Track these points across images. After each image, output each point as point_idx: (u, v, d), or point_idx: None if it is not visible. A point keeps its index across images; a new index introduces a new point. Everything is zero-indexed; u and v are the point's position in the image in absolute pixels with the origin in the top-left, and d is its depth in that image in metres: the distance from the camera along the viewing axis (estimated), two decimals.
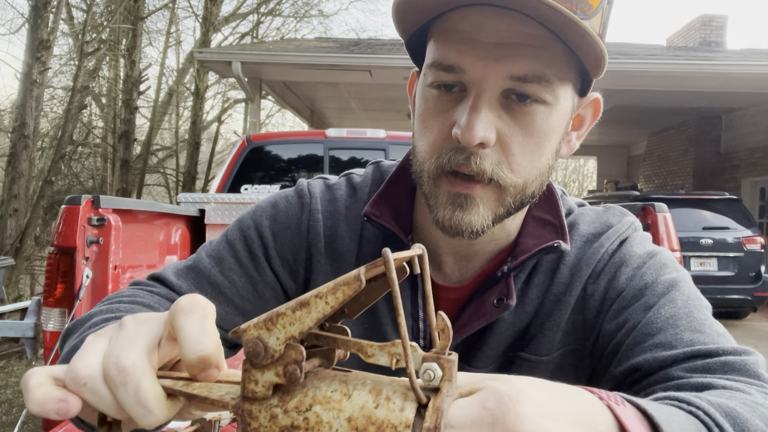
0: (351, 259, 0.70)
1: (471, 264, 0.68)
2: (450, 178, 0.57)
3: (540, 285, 0.66)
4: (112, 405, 0.33)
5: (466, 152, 0.55)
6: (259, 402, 0.30)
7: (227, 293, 0.69)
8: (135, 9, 11.08)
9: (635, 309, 0.59)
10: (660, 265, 0.63)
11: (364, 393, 0.30)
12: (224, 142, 18.03)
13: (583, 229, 0.68)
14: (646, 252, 0.64)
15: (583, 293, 0.64)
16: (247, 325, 0.30)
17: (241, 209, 3.23)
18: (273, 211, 0.72)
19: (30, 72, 7.40)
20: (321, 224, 0.71)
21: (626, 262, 0.63)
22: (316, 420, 0.29)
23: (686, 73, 7.52)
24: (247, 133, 5.74)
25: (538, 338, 0.65)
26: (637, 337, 0.56)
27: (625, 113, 10.80)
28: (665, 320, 0.56)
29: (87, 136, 12.05)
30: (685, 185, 11.09)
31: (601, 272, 0.64)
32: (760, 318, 7.59)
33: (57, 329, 1.84)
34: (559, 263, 0.66)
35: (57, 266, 1.85)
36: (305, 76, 8.28)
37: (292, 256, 0.71)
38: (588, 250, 0.65)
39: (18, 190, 7.40)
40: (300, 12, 15.67)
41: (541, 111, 0.55)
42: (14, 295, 7.37)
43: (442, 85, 0.57)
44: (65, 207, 1.87)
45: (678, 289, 0.60)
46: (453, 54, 0.54)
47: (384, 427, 0.28)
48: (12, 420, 3.80)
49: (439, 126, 0.57)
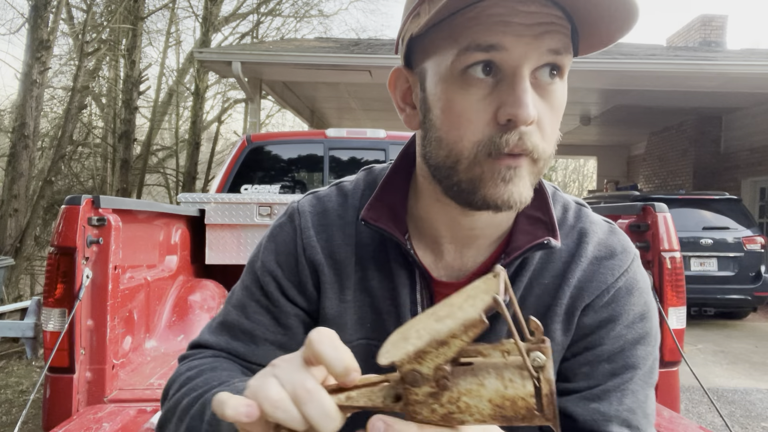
0: (350, 264, 0.73)
1: (470, 252, 0.70)
2: (497, 158, 0.58)
3: (528, 276, 0.69)
4: (299, 420, 0.42)
5: (517, 132, 0.56)
6: (420, 404, 0.41)
7: (259, 335, 0.74)
8: (135, 9, 11.07)
9: (602, 368, 0.66)
10: (644, 333, 0.68)
11: (493, 380, 0.40)
12: (224, 142, 18.04)
13: (592, 231, 0.71)
14: (639, 313, 0.68)
15: (571, 312, 0.68)
16: (401, 357, 0.40)
17: (241, 209, 3.23)
18: (273, 245, 0.76)
19: (30, 72, 7.40)
20: (314, 239, 0.74)
21: (620, 317, 0.67)
22: (466, 406, 0.40)
23: (686, 73, 7.52)
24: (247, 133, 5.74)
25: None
26: (590, 393, 0.65)
27: (625, 113, 10.80)
28: (616, 393, 0.65)
29: (87, 136, 12.05)
30: (685, 185, 11.09)
31: (593, 308, 0.68)
32: (760, 318, 7.59)
33: (57, 329, 1.84)
34: (551, 253, 0.70)
35: (57, 266, 1.85)
36: (305, 76, 8.28)
37: (300, 279, 0.74)
38: (591, 270, 0.68)
39: (18, 190, 7.40)
40: (300, 12, 15.69)
41: (560, 86, 0.60)
42: (14, 295, 7.37)
43: (473, 71, 0.57)
44: (65, 207, 1.87)
45: (644, 366, 0.67)
46: (492, 34, 0.56)
47: (516, 400, 0.39)
48: (12, 420, 3.80)
49: (480, 112, 0.58)
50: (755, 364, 5.43)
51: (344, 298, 0.73)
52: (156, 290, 2.61)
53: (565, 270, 0.68)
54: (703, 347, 6.00)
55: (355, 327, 0.73)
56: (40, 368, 4.73)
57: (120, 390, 1.98)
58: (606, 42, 0.63)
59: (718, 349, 5.96)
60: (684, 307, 2.04)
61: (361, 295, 0.72)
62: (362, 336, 0.72)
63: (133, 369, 2.23)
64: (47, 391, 1.87)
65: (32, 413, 3.56)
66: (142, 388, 2.02)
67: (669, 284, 2.00)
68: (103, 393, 1.92)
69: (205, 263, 3.27)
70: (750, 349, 5.97)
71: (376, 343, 0.70)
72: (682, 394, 4.37)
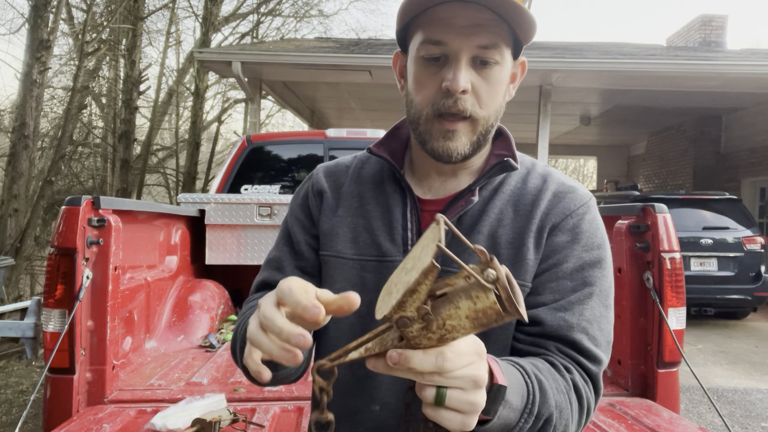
0: (349, 193, 0.92)
1: (451, 181, 0.89)
2: (440, 119, 0.81)
3: (504, 201, 0.86)
4: (268, 344, 0.55)
5: (453, 98, 0.78)
6: (417, 337, 0.52)
7: (284, 263, 0.94)
8: (135, 9, 11.06)
9: (565, 284, 0.80)
10: (600, 259, 0.83)
11: (464, 301, 0.51)
12: (224, 142, 18.04)
13: (556, 176, 0.89)
14: (597, 243, 0.84)
15: (541, 230, 0.83)
16: (389, 311, 0.51)
17: (241, 209, 3.23)
18: (295, 196, 1.00)
19: (30, 72, 7.40)
20: (323, 180, 0.96)
21: (579, 240, 0.83)
22: (452, 327, 0.51)
23: (686, 73, 7.52)
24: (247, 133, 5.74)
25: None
26: (557, 305, 0.79)
27: (625, 113, 10.80)
28: (578, 306, 0.79)
29: (87, 136, 12.04)
30: (685, 185, 11.09)
31: (560, 229, 0.83)
32: (760, 318, 7.59)
33: (57, 330, 1.84)
34: (524, 189, 0.87)
35: (57, 267, 1.85)
36: (305, 76, 8.28)
37: (311, 211, 0.95)
38: (557, 199, 0.85)
39: (18, 190, 7.40)
40: (300, 12, 15.68)
41: (496, 69, 0.80)
42: (14, 295, 7.37)
43: (431, 57, 0.80)
44: (65, 208, 1.87)
45: (600, 286, 0.82)
46: (439, 32, 0.78)
47: (485, 310, 0.50)
48: (12, 420, 3.80)
49: (431, 83, 0.80)
50: (755, 364, 5.43)
51: (337, 213, 0.91)
52: (156, 291, 2.61)
53: (535, 200, 0.85)
54: (703, 347, 6.00)
55: (349, 244, 0.88)
56: (40, 368, 4.73)
57: (120, 390, 1.98)
58: (524, 39, 0.82)
59: (718, 349, 5.96)
60: (684, 308, 2.04)
61: (357, 219, 0.89)
62: (356, 253, 0.87)
63: (133, 369, 2.23)
64: (47, 391, 1.87)
65: (32, 413, 3.56)
66: (142, 388, 2.02)
67: (669, 285, 2.00)
68: (104, 393, 1.92)
69: (205, 263, 3.27)
70: (750, 349, 5.97)
71: (367, 259, 0.86)
72: (682, 394, 4.37)
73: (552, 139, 10.83)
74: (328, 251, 0.89)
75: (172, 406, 1.79)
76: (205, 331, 2.81)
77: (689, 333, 6.33)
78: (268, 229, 3.26)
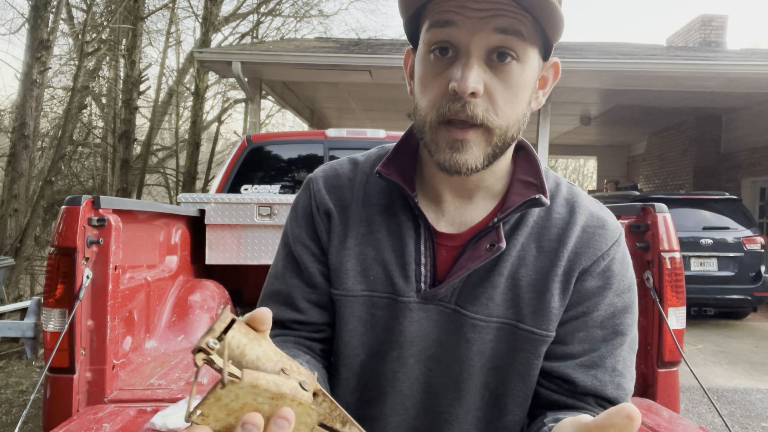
0: (356, 218, 0.81)
1: (468, 209, 0.78)
2: (448, 127, 0.68)
3: (525, 235, 0.76)
4: None
5: (461, 101, 0.66)
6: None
7: (296, 296, 0.82)
8: (135, 9, 11.06)
9: (595, 333, 0.74)
10: (630, 303, 0.76)
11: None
12: (224, 142, 18.04)
13: (584, 204, 0.79)
14: (627, 284, 0.76)
15: (569, 274, 0.74)
16: None
17: (241, 209, 3.23)
18: (294, 214, 0.86)
19: (30, 72, 7.40)
20: (326, 197, 0.83)
21: (611, 284, 0.75)
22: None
23: (686, 73, 7.52)
24: (247, 133, 5.74)
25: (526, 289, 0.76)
26: (588, 360, 0.73)
27: (625, 113, 10.80)
28: (610, 359, 0.73)
29: (87, 136, 12.03)
30: (685, 185, 11.08)
31: (591, 273, 0.75)
32: (760, 318, 7.59)
33: (57, 329, 1.84)
34: (548, 220, 0.77)
35: (57, 267, 1.85)
36: (305, 76, 8.28)
37: (317, 234, 0.83)
38: (586, 237, 0.76)
39: (18, 190, 7.40)
40: (300, 12, 15.67)
41: (516, 68, 0.67)
42: (14, 295, 7.37)
43: (437, 49, 0.68)
44: (65, 207, 1.87)
45: (630, 333, 0.76)
46: (447, 14, 0.66)
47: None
48: (12, 420, 3.80)
49: (437, 84, 0.69)
50: (755, 364, 5.43)
51: (345, 245, 0.79)
52: (156, 290, 2.61)
53: (561, 236, 0.75)
54: (703, 347, 6.00)
55: (357, 279, 0.77)
56: (40, 368, 4.73)
57: (120, 390, 1.98)
58: (552, 35, 0.70)
59: (718, 349, 5.95)
60: (684, 308, 2.04)
61: (366, 249, 0.78)
62: (365, 288, 0.77)
63: (134, 369, 2.23)
64: (47, 391, 1.87)
65: (32, 413, 3.56)
66: (143, 388, 2.02)
67: (669, 284, 2.00)
68: (104, 393, 1.92)
69: (206, 263, 3.27)
70: (750, 349, 5.97)
71: (378, 295, 0.76)
72: (682, 394, 4.37)
73: (552, 139, 10.84)
74: (337, 289, 0.79)
75: (172, 405, 1.79)
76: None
77: (689, 333, 6.33)
78: (268, 229, 3.26)
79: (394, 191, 0.79)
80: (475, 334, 0.73)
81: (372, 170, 0.83)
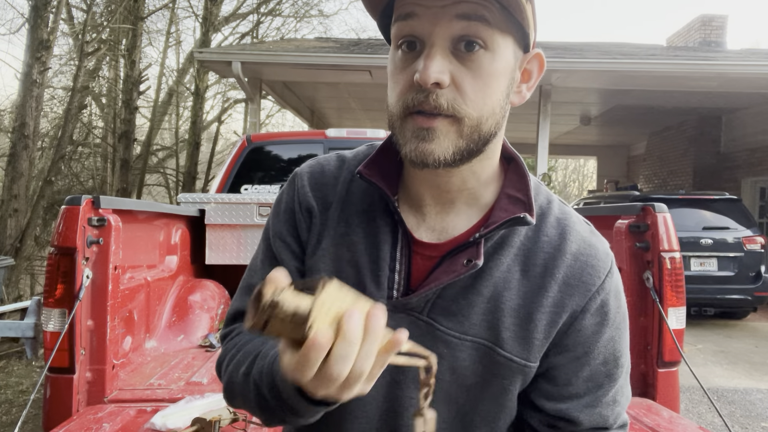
0: (334, 218, 0.79)
1: (449, 218, 0.75)
2: (414, 117, 0.66)
3: (511, 256, 0.73)
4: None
5: (425, 92, 0.64)
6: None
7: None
8: (135, 9, 11.06)
9: (600, 371, 0.73)
10: (624, 330, 0.76)
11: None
12: (224, 142, 18.04)
13: (575, 228, 0.75)
14: (623, 315, 0.75)
15: (560, 306, 0.71)
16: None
17: (241, 209, 3.23)
18: (277, 208, 0.84)
19: (30, 72, 7.40)
20: (310, 194, 0.81)
21: (608, 320, 0.73)
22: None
23: (686, 73, 7.52)
24: (247, 133, 5.74)
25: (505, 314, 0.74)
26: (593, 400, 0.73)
27: (625, 113, 10.80)
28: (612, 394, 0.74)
29: (87, 136, 12.04)
30: (685, 185, 11.08)
31: (588, 311, 0.72)
32: (760, 318, 7.59)
33: (57, 329, 1.84)
34: (535, 242, 0.73)
35: (57, 266, 1.85)
36: (305, 76, 8.28)
37: (298, 232, 0.81)
38: (578, 268, 0.72)
39: (18, 190, 7.40)
40: (300, 12, 15.67)
41: (485, 56, 0.65)
42: (14, 295, 7.37)
43: (404, 43, 0.67)
44: (65, 207, 1.87)
45: (627, 362, 0.76)
46: (410, 7, 0.65)
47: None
48: (12, 420, 3.81)
49: (403, 78, 0.68)
50: (755, 364, 5.43)
51: (321, 245, 0.78)
52: (156, 290, 2.61)
53: (549, 262, 0.72)
54: (703, 347, 6.00)
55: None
56: (40, 368, 4.73)
57: (120, 390, 1.98)
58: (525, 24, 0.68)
59: (718, 349, 5.96)
60: (684, 307, 2.04)
61: (340, 250, 0.76)
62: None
63: (133, 369, 2.23)
64: (47, 391, 1.87)
65: (32, 413, 3.56)
66: (142, 388, 2.02)
67: (669, 284, 2.00)
68: (103, 393, 1.92)
69: (205, 263, 3.27)
70: (750, 349, 5.97)
71: None
72: (682, 394, 4.37)
73: (552, 139, 10.83)
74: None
75: (172, 405, 1.80)
76: (205, 331, 2.81)
77: (689, 333, 6.33)
78: None
79: (376, 193, 0.77)
80: (448, 349, 0.71)
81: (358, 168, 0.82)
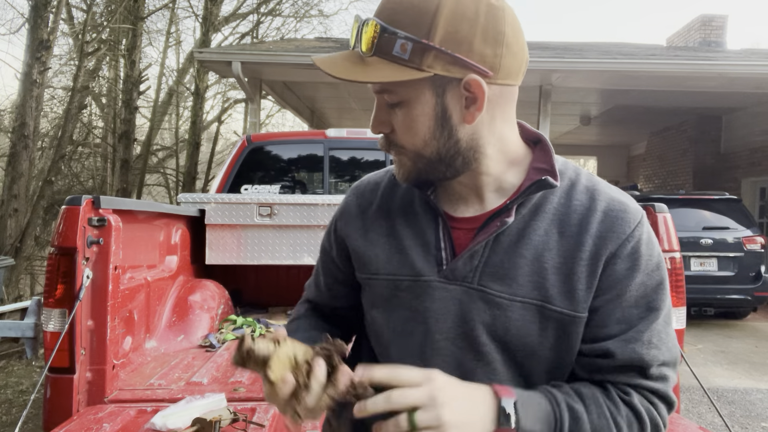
0: (377, 215, 0.92)
1: (484, 197, 0.85)
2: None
3: (547, 221, 0.81)
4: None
5: (382, 137, 0.83)
6: None
7: (320, 281, 1.05)
8: (135, 9, 11.06)
9: (632, 312, 0.79)
10: (661, 280, 0.81)
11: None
12: (224, 142, 18.04)
13: (604, 190, 0.83)
14: (656, 263, 0.81)
15: (596, 258, 0.78)
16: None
17: (241, 209, 3.23)
18: (331, 224, 1.02)
19: (30, 72, 7.40)
20: (353, 202, 0.97)
21: (639, 265, 0.79)
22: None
23: (686, 73, 7.52)
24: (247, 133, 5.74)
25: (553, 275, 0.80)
26: (627, 336, 0.78)
27: (625, 113, 10.79)
28: (646, 333, 0.78)
29: (87, 136, 12.04)
30: (685, 185, 11.08)
31: (619, 257, 0.78)
32: (760, 318, 7.59)
33: (57, 329, 1.84)
34: (568, 207, 0.81)
35: (57, 267, 1.85)
36: (305, 76, 8.28)
37: (337, 241, 0.99)
38: (609, 221, 0.79)
39: (18, 190, 7.40)
40: (300, 12, 15.67)
41: (404, 109, 0.79)
42: (14, 295, 7.37)
43: None
44: (65, 207, 1.87)
45: (664, 308, 0.81)
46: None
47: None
48: (12, 420, 3.81)
49: None
50: (755, 364, 5.43)
51: (368, 237, 0.91)
52: (156, 290, 2.61)
53: (582, 221, 0.79)
54: (703, 347, 6.00)
55: (382, 264, 0.88)
56: (40, 368, 4.73)
57: (120, 390, 1.98)
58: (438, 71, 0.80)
59: (718, 349, 5.96)
60: (684, 308, 2.04)
61: (389, 239, 0.88)
62: (389, 272, 0.86)
63: (134, 369, 2.23)
64: (47, 391, 1.87)
65: (32, 413, 3.56)
66: (143, 388, 2.02)
67: (669, 284, 2.00)
68: (104, 393, 1.92)
69: (206, 263, 3.27)
70: (750, 349, 5.98)
71: (401, 278, 0.85)
72: (682, 394, 4.37)
73: (552, 139, 10.83)
74: (363, 273, 0.91)
75: (172, 405, 1.79)
76: (205, 331, 2.81)
77: (689, 333, 6.33)
78: (268, 229, 3.26)
79: (414, 189, 0.90)
80: (501, 311, 0.78)
81: None
